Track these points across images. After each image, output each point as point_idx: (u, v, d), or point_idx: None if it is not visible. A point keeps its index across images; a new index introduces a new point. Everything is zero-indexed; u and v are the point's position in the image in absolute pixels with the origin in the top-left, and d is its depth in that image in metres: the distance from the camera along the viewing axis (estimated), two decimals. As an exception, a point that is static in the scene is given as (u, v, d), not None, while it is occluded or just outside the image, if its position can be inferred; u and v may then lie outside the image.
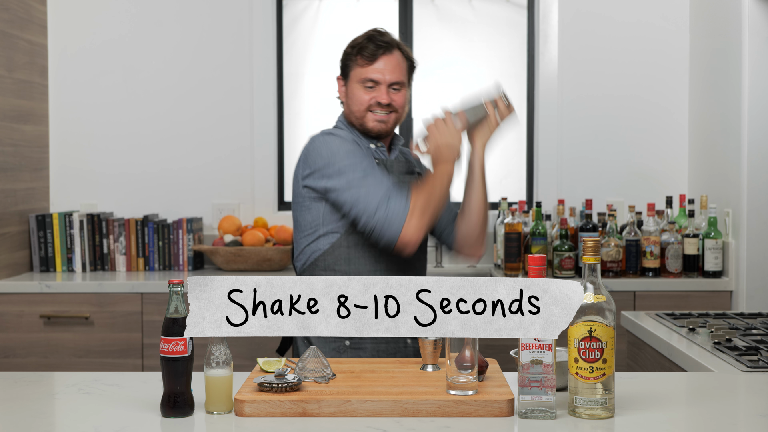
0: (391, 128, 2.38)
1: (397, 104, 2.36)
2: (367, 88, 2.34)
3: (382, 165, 2.34)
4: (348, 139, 2.33)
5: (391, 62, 2.34)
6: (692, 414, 1.72)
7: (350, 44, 2.39)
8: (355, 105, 2.36)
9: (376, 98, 2.33)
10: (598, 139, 4.03)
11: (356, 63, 2.35)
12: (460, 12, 4.16)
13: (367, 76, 2.33)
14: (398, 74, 2.35)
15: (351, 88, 2.37)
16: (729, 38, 3.52)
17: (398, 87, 2.35)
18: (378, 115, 2.34)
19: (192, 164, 4.04)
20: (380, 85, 2.33)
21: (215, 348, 1.67)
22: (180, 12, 4.04)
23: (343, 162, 2.24)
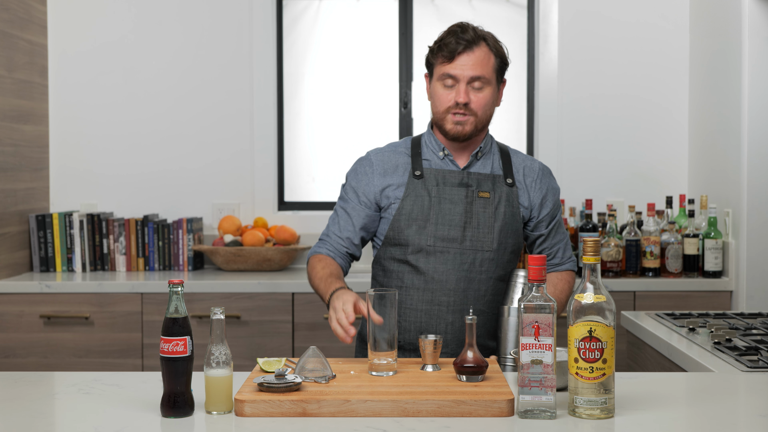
0: (469, 132, 2.23)
1: (475, 105, 2.21)
2: (446, 86, 2.22)
3: (421, 179, 2.24)
4: (367, 171, 2.30)
5: (472, 58, 2.19)
6: (692, 414, 1.72)
7: (435, 41, 2.27)
8: (435, 105, 2.27)
9: (454, 98, 2.20)
10: (598, 139, 4.03)
11: (437, 60, 2.24)
12: (460, 12, 4.15)
13: (445, 72, 2.21)
14: (480, 69, 2.19)
15: (433, 86, 2.26)
16: (729, 38, 3.52)
17: (480, 85, 2.21)
18: (456, 116, 2.22)
19: (192, 164, 4.04)
20: (459, 82, 2.20)
21: (215, 348, 1.67)
22: (180, 12, 4.04)
23: (345, 185, 2.37)
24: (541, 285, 1.64)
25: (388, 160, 2.30)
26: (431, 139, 2.32)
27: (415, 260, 2.22)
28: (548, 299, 1.63)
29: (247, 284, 3.50)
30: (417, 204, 2.23)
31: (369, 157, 2.33)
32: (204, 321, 3.43)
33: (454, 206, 2.23)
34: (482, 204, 2.24)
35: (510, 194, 2.27)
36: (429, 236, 2.21)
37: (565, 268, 2.38)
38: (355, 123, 4.19)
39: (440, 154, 2.29)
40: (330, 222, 2.35)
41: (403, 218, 2.23)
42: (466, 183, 2.25)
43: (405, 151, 2.31)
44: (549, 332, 1.62)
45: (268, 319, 3.47)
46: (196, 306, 3.45)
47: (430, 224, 2.22)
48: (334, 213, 2.35)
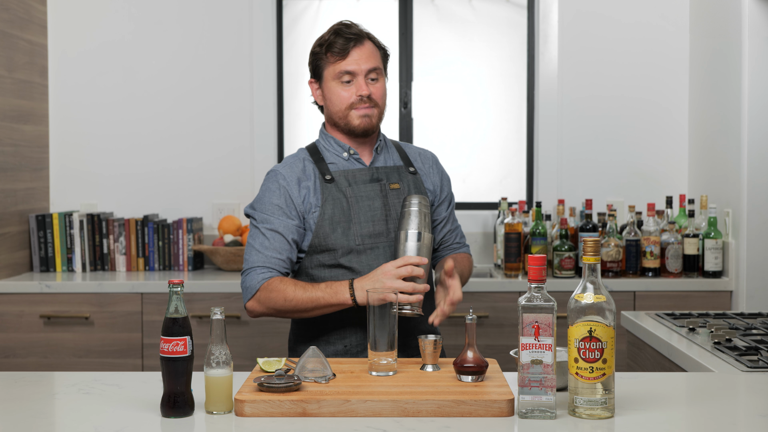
0: (376, 123, 2.29)
1: (376, 96, 2.25)
2: (344, 83, 2.25)
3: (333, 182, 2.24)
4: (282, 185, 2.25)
5: (365, 52, 2.24)
6: (692, 414, 1.72)
7: (317, 43, 2.29)
8: (335, 105, 2.27)
9: (356, 92, 2.24)
10: (598, 139, 4.03)
11: (328, 61, 2.25)
12: (460, 12, 4.16)
13: (342, 69, 2.22)
14: (373, 60, 2.24)
15: (327, 87, 2.27)
16: (729, 38, 3.52)
17: (376, 77, 2.25)
18: (360, 110, 2.25)
19: (192, 164, 4.04)
20: (357, 76, 2.23)
21: (215, 348, 1.67)
22: (180, 12, 4.04)
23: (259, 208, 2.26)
24: (541, 285, 1.64)
25: (296, 169, 2.28)
26: (330, 142, 2.32)
27: (347, 261, 2.23)
28: (548, 299, 1.63)
29: (247, 284, 3.49)
30: (337, 207, 2.24)
31: (277, 171, 2.29)
32: (204, 321, 3.43)
33: (372, 202, 2.26)
34: (396, 195, 2.29)
35: (416, 181, 2.34)
36: (356, 236, 2.23)
37: (464, 250, 2.46)
38: (355, 123, 4.18)
39: (345, 154, 2.31)
40: (259, 247, 2.22)
41: (326, 224, 2.23)
42: (377, 178, 2.29)
43: (306, 158, 2.31)
44: (549, 332, 1.62)
45: (268, 319, 3.47)
46: (196, 306, 3.45)
47: (354, 224, 2.23)
48: (261, 237, 2.22)
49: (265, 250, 2.21)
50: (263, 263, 2.21)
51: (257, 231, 2.24)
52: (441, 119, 4.19)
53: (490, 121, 4.16)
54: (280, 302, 2.16)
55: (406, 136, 4.13)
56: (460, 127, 4.17)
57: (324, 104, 2.32)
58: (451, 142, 4.17)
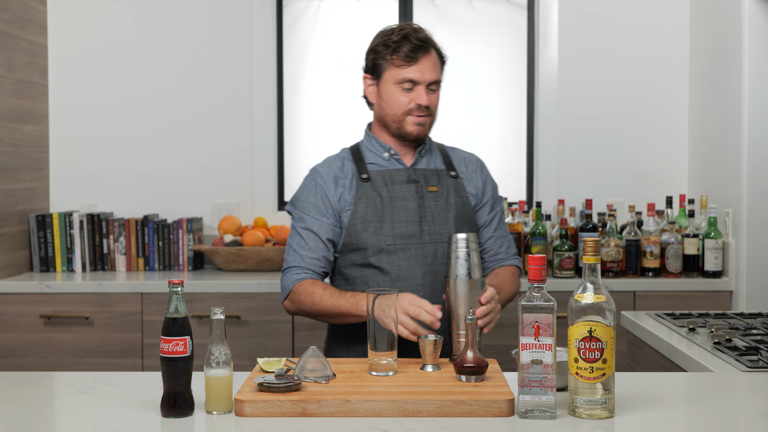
0: (427, 131, 2.30)
1: (433, 106, 2.28)
2: (404, 89, 2.24)
3: (369, 181, 2.25)
4: (319, 183, 2.26)
5: (431, 61, 2.24)
6: (692, 414, 1.72)
7: (382, 41, 2.26)
8: (391, 108, 2.27)
9: (415, 100, 2.24)
10: (598, 139, 4.03)
11: (392, 63, 2.24)
12: (460, 12, 4.16)
13: (405, 77, 2.22)
14: (436, 72, 2.26)
15: (385, 89, 2.26)
16: (729, 38, 3.52)
17: (435, 87, 2.27)
18: (417, 118, 2.26)
19: (192, 164, 4.04)
20: (419, 85, 2.24)
21: (215, 348, 1.67)
22: (180, 12, 4.04)
23: (297, 206, 2.30)
24: (541, 285, 1.64)
25: (334, 167, 2.30)
26: (372, 142, 2.33)
27: (377, 261, 2.23)
28: (548, 299, 1.63)
29: (247, 284, 3.50)
30: (370, 206, 2.24)
31: (315, 169, 2.32)
32: (204, 321, 3.43)
33: (406, 203, 2.25)
34: (433, 197, 2.27)
35: (457, 185, 2.32)
36: (387, 236, 2.22)
37: (510, 262, 2.39)
38: (355, 123, 4.18)
39: (386, 155, 2.31)
40: (296, 246, 2.25)
41: (358, 222, 2.23)
42: (414, 179, 2.29)
43: (347, 157, 2.32)
44: (549, 332, 1.62)
45: (268, 319, 3.47)
46: (196, 306, 3.45)
47: (386, 224, 2.23)
48: (297, 237, 2.26)
49: (301, 250, 2.24)
50: (299, 263, 2.23)
51: (294, 231, 2.28)
52: (441, 119, 4.17)
53: (490, 121, 4.16)
54: (308, 305, 2.19)
55: (406, 136, 4.12)
56: (460, 127, 4.17)
57: (377, 103, 2.31)
58: (450, 142, 4.15)
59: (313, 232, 2.25)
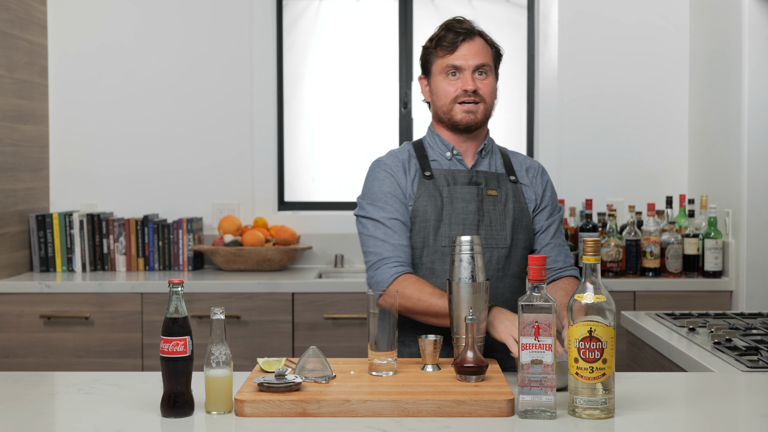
0: (480, 120, 2.23)
1: (483, 92, 2.20)
2: (450, 76, 2.19)
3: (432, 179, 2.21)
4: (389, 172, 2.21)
5: (474, 47, 2.19)
6: (692, 414, 1.72)
7: (429, 39, 2.25)
8: (440, 99, 2.23)
9: (462, 86, 2.18)
10: (598, 138, 4.03)
11: (436, 55, 2.21)
12: (460, 12, 4.13)
13: (449, 63, 2.18)
14: (482, 56, 2.19)
15: (434, 82, 2.23)
16: (729, 38, 3.52)
17: (483, 72, 2.20)
18: (465, 105, 2.20)
19: (192, 164, 4.04)
20: (464, 71, 2.18)
21: (215, 348, 1.67)
22: (180, 12, 4.04)
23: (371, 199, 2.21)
24: (541, 285, 1.64)
25: (399, 159, 2.25)
26: (436, 140, 2.28)
27: (430, 262, 2.18)
28: (548, 299, 1.63)
29: (247, 284, 3.50)
30: (430, 204, 2.19)
31: (380, 160, 2.26)
32: (204, 321, 3.43)
33: (466, 205, 2.20)
34: (492, 202, 2.22)
35: (516, 190, 2.26)
36: (443, 236, 2.18)
37: (568, 273, 2.31)
38: (355, 123, 4.19)
39: (448, 154, 2.26)
40: (383, 237, 2.15)
41: (417, 219, 2.19)
42: (475, 181, 2.23)
43: (411, 151, 2.28)
44: (549, 332, 1.62)
45: (268, 319, 3.47)
46: (196, 306, 3.45)
47: (444, 224, 2.18)
48: (382, 227, 2.16)
49: (391, 239, 2.15)
50: (392, 254, 2.14)
51: (375, 222, 2.17)
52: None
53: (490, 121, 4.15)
54: (413, 300, 2.09)
55: (405, 136, 4.13)
56: (460, 127, 4.16)
57: (431, 100, 2.27)
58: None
59: (399, 220, 2.17)
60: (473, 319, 1.84)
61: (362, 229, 2.21)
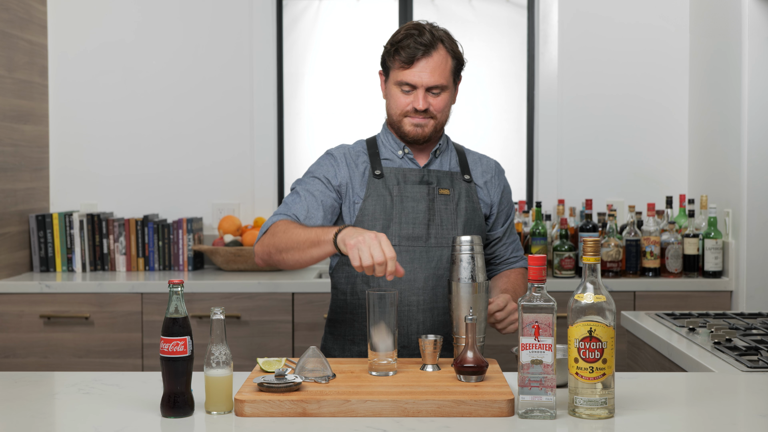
0: (429, 133, 2.23)
1: (435, 109, 2.20)
2: (403, 91, 2.20)
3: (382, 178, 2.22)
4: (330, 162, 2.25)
5: (431, 64, 2.17)
6: (692, 414, 1.72)
7: (390, 39, 2.22)
8: (391, 107, 2.25)
9: (412, 103, 2.20)
10: (598, 139, 4.03)
11: (394, 63, 2.20)
12: (460, 12, 4.16)
13: (403, 80, 2.18)
14: (438, 77, 2.17)
15: (389, 88, 2.24)
16: (729, 38, 3.52)
17: (438, 91, 2.19)
18: (414, 119, 2.21)
19: (192, 164, 4.04)
20: (417, 89, 2.18)
21: (215, 348, 1.67)
22: (180, 12, 4.04)
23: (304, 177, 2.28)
24: (542, 285, 1.64)
25: (350, 155, 2.27)
26: (389, 138, 2.30)
27: None
28: (548, 299, 1.63)
29: (247, 284, 3.50)
30: (379, 203, 2.20)
31: (330, 153, 2.30)
32: (204, 321, 3.43)
33: (416, 204, 2.21)
34: (443, 201, 2.24)
35: (469, 190, 2.28)
36: (393, 236, 2.19)
37: (519, 265, 2.40)
38: (355, 123, 4.19)
39: (400, 152, 2.28)
40: (288, 201, 2.20)
41: (366, 219, 2.20)
42: (426, 180, 2.25)
43: (362, 150, 2.30)
44: (549, 332, 1.62)
45: (268, 319, 3.47)
46: (196, 306, 3.45)
47: (394, 223, 2.19)
48: (293, 195, 2.21)
49: (293, 204, 2.19)
50: (285, 212, 2.18)
51: (292, 193, 2.23)
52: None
53: (490, 121, 4.16)
54: (281, 239, 2.07)
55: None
56: (460, 127, 4.17)
57: (386, 100, 2.29)
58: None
59: (313, 195, 2.20)
60: (473, 319, 1.84)
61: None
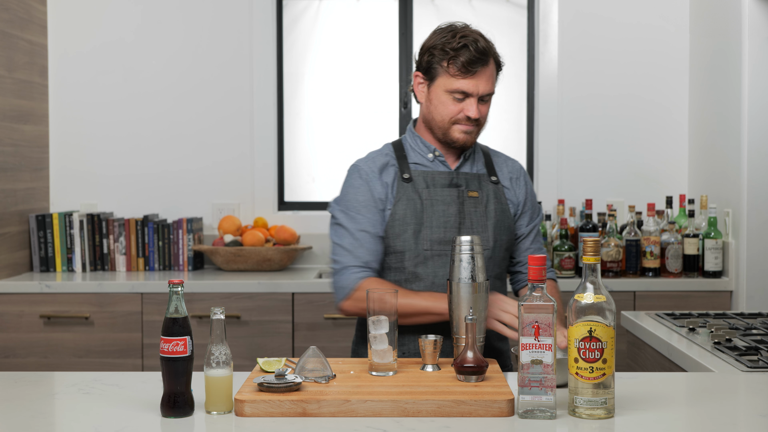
0: (474, 140, 2.23)
1: (483, 116, 2.20)
2: (456, 99, 2.16)
3: (410, 182, 2.20)
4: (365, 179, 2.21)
5: (487, 74, 2.16)
6: (692, 414, 1.72)
7: (440, 44, 2.16)
8: (439, 114, 2.19)
9: (465, 112, 2.16)
10: (598, 139, 4.03)
11: (446, 70, 2.14)
12: (460, 12, 4.15)
13: (459, 88, 2.14)
14: (491, 85, 2.17)
15: (436, 93, 2.18)
16: (729, 38, 3.52)
17: (487, 99, 2.19)
18: (464, 126, 2.19)
19: (192, 164, 4.04)
20: (471, 97, 2.16)
21: (215, 348, 1.67)
22: (180, 12, 4.04)
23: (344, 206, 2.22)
24: (541, 285, 1.64)
25: (377, 163, 2.24)
26: (417, 142, 2.27)
27: (413, 267, 2.18)
28: (548, 299, 1.63)
29: (247, 284, 3.50)
30: (409, 208, 2.18)
31: (357, 165, 2.25)
32: (204, 321, 3.43)
33: (447, 207, 2.19)
34: (473, 203, 2.22)
35: (497, 191, 2.27)
36: (425, 240, 2.17)
37: (548, 276, 2.34)
38: (355, 123, 4.19)
39: (430, 155, 2.25)
40: (349, 247, 2.17)
41: (396, 224, 2.18)
42: (456, 183, 2.23)
43: (390, 154, 2.27)
44: (549, 332, 1.62)
45: (268, 319, 3.47)
46: (196, 306, 3.45)
47: (425, 228, 2.17)
48: (349, 237, 2.17)
49: (356, 250, 2.16)
50: (356, 263, 2.15)
51: (344, 231, 2.18)
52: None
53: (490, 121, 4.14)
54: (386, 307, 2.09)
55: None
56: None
57: (425, 104, 2.23)
58: (451, 142, 4.16)
59: (367, 232, 2.17)
60: (473, 319, 1.84)
61: (333, 234, 2.22)
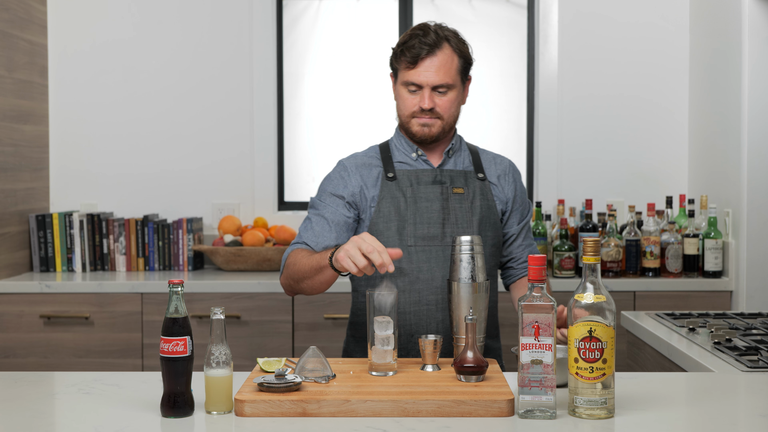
0: (436, 133, 2.24)
1: (441, 108, 2.22)
2: (410, 92, 2.22)
3: (395, 180, 2.24)
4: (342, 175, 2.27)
5: (436, 63, 2.18)
6: (692, 414, 1.72)
7: (399, 41, 2.25)
8: (400, 109, 2.27)
9: (419, 103, 2.21)
10: (598, 139, 4.03)
11: (401, 64, 2.22)
12: (460, 12, 4.15)
13: (409, 79, 2.20)
14: (443, 75, 2.19)
15: (397, 89, 2.27)
16: (729, 38, 3.52)
17: (444, 90, 2.21)
18: (421, 119, 2.23)
19: (192, 164, 4.04)
20: (423, 89, 2.20)
21: (215, 348, 1.67)
22: (180, 12, 4.04)
23: (316, 196, 2.31)
24: (541, 285, 1.64)
25: (361, 162, 2.30)
26: (401, 142, 2.32)
27: (397, 262, 2.20)
28: (548, 299, 1.63)
29: (247, 284, 3.50)
30: (393, 205, 2.22)
31: (341, 163, 2.32)
32: (204, 321, 3.43)
33: (430, 204, 2.23)
34: (458, 200, 2.25)
35: (483, 188, 2.29)
36: (409, 236, 2.21)
37: None
38: (355, 123, 4.19)
39: (413, 155, 2.29)
40: (302, 231, 2.25)
41: (381, 221, 2.22)
42: (440, 180, 2.26)
43: (375, 155, 2.32)
44: (549, 332, 1.62)
45: (268, 319, 3.47)
46: (196, 306, 3.45)
47: (409, 224, 2.21)
48: (307, 221, 2.26)
49: (305, 232, 2.23)
50: (298, 241, 2.23)
51: (307, 218, 2.27)
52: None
53: (490, 121, 4.16)
54: (293, 270, 2.14)
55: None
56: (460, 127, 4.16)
57: (396, 102, 2.31)
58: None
59: (321, 217, 2.24)
60: (473, 319, 1.84)
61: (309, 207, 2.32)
